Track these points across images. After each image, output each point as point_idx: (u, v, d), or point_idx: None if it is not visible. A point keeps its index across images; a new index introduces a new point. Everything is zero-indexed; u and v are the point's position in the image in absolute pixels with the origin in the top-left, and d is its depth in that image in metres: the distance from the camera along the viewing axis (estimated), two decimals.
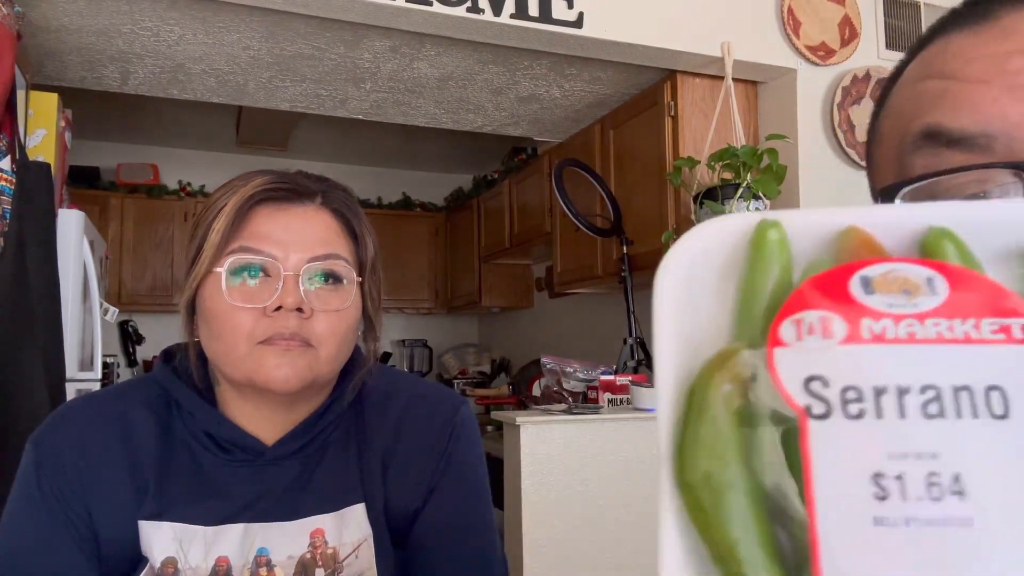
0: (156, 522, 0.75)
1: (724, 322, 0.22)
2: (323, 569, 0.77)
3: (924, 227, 0.21)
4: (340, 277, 0.77)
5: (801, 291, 0.20)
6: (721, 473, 0.20)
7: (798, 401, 0.19)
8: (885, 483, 0.18)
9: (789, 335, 0.20)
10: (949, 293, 0.20)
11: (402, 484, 0.83)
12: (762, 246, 0.22)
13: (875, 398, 0.19)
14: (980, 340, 0.19)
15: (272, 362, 0.73)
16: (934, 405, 0.18)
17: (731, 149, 2.33)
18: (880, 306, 0.20)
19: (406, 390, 0.89)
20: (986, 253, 0.21)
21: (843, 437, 0.19)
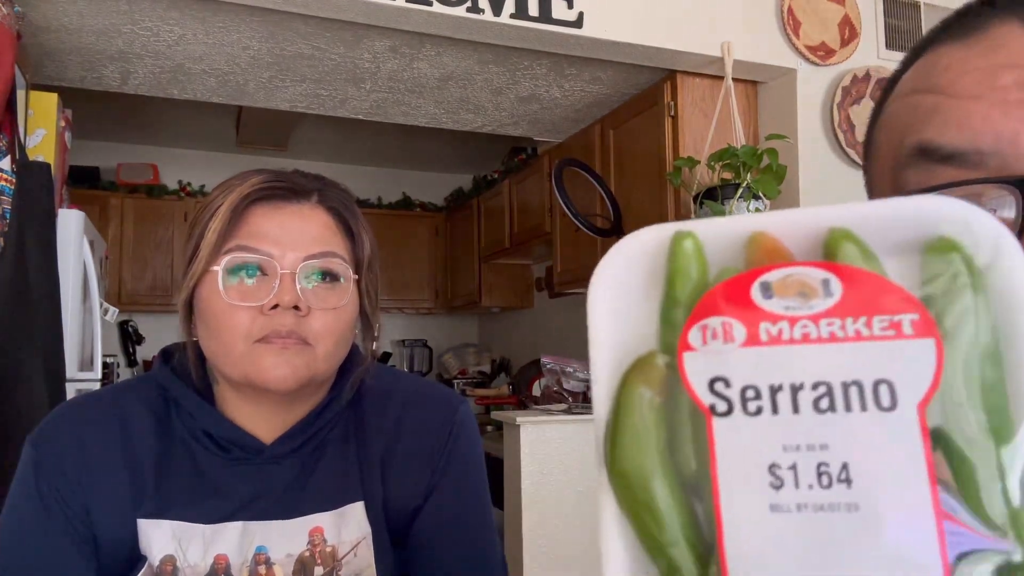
0: (155, 520, 0.75)
1: (651, 328, 0.24)
2: (322, 567, 0.77)
3: (825, 229, 0.22)
4: (337, 275, 0.77)
5: (707, 298, 0.22)
6: (644, 466, 0.22)
7: (704, 401, 0.21)
8: (780, 473, 0.20)
9: (696, 340, 0.22)
10: (843, 294, 0.21)
11: (401, 483, 0.83)
12: (678, 256, 0.23)
13: (771, 396, 0.20)
14: (871, 337, 0.20)
15: (269, 361, 0.73)
16: (825, 400, 0.20)
17: (731, 149, 2.33)
18: (778, 309, 0.21)
19: (405, 389, 0.89)
20: (887, 249, 0.22)
21: (743, 432, 0.20)
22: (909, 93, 0.43)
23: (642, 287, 0.24)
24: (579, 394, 2.80)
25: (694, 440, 0.22)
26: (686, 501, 0.22)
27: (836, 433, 0.20)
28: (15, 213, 1.99)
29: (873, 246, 0.22)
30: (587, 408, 2.31)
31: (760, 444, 0.20)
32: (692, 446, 0.22)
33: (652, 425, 0.22)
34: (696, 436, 0.22)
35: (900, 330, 0.20)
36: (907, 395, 0.20)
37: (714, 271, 0.23)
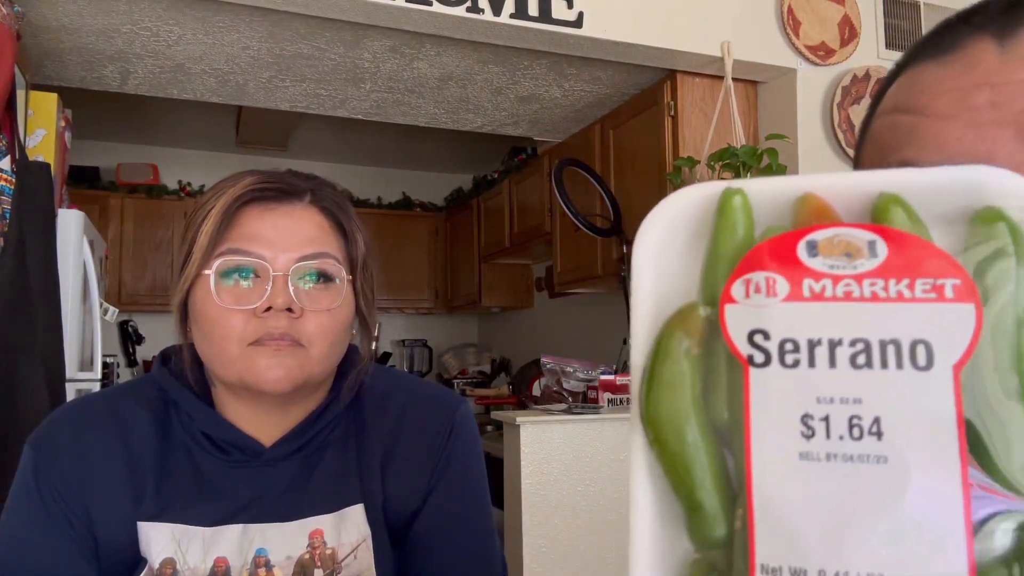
0: (155, 523, 0.75)
1: (693, 280, 0.24)
2: (321, 570, 0.77)
3: (875, 193, 0.23)
4: (330, 276, 0.77)
5: (753, 253, 0.23)
6: (678, 411, 0.22)
7: (743, 351, 0.22)
8: (812, 423, 0.20)
9: (739, 293, 0.22)
10: (888, 255, 0.21)
11: (401, 484, 0.83)
12: (726, 212, 0.24)
13: (809, 349, 0.21)
14: (912, 299, 0.21)
15: (263, 363, 0.73)
16: (862, 356, 0.20)
17: (731, 149, 2.33)
18: (822, 267, 0.22)
19: (404, 390, 0.89)
20: (934, 215, 0.22)
21: (779, 383, 0.21)
22: (891, 111, 0.43)
23: (687, 243, 0.25)
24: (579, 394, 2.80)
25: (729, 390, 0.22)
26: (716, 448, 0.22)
27: (871, 388, 0.20)
28: (15, 213, 1.99)
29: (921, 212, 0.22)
30: (587, 408, 2.31)
31: (794, 395, 0.21)
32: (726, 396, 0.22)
33: (688, 373, 0.23)
34: (731, 386, 0.22)
35: (942, 293, 0.21)
36: (943, 356, 0.20)
37: (761, 229, 0.24)
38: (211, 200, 0.76)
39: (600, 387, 2.53)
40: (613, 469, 2.21)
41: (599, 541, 2.18)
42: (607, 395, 2.48)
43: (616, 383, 2.51)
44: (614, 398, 2.48)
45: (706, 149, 2.51)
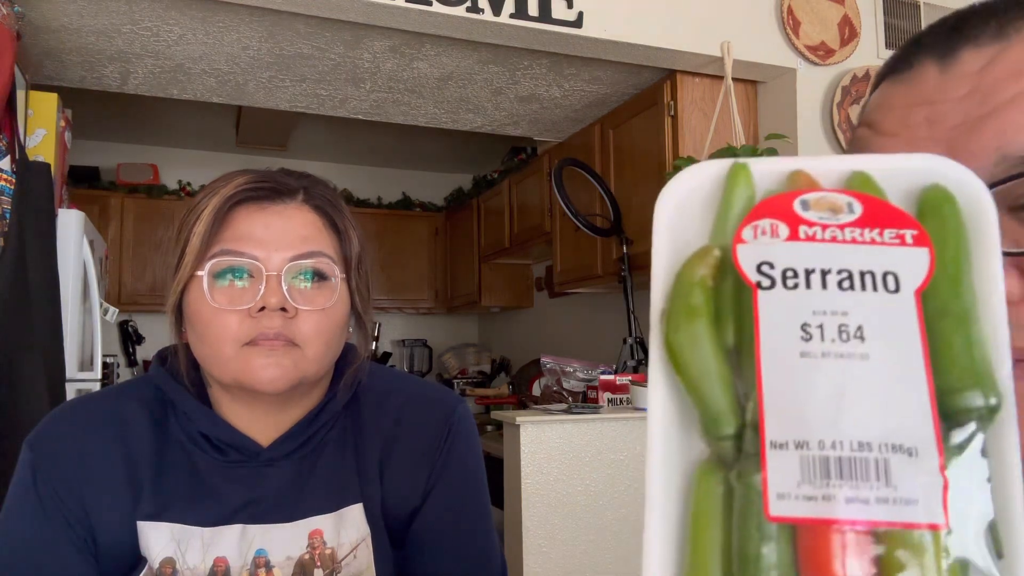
0: (154, 522, 0.75)
1: (704, 235, 0.30)
2: (321, 569, 0.77)
3: (849, 171, 0.30)
4: (324, 275, 0.77)
5: (760, 206, 0.29)
6: (695, 331, 0.28)
7: (752, 278, 0.27)
8: (810, 330, 0.26)
9: (748, 235, 0.28)
10: (862, 212, 0.28)
11: (400, 484, 0.83)
12: (736, 178, 0.30)
13: (806, 276, 0.27)
14: (882, 243, 0.27)
15: (258, 363, 0.73)
16: (847, 281, 0.27)
17: (731, 149, 2.33)
18: (813, 218, 0.28)
19: (403, 389, 0.88)
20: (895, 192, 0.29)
21: (782, 301, 0.27)
22: (859, 125, 0.47)
23: (699, 210, 0.30)
24: (579, 394, 2.80)
25: (736, 313, 0.28)
26: (726, 362, 0.28)
27: (854, 304, 0.26)
28: (15, 213, 1.99)
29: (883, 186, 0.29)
30: (587, 408, 2.31)
31: (795, 310, 0.26)
32: (734, 322, 0.28)
33: (703, 299, 0.28)
34: (742, 307, 0.27)
35: (904, 240, 0.27)
36: (907, 283, 0.26)
37: (761, 195, 0.30)
38: (203, 201, 0.76)
39: (600, 387, 2.53)
40: (613, 469, 2.21)
41: (599, 541, 2.18)
42: (607, 395, 2.48)
43: (616, 383, 2.51)
44: (614, 398, 2.48)
45: (706, 149, 2.51)
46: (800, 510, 0.24)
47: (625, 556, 2.20)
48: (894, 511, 0.24)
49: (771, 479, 0.24)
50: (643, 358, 2.75)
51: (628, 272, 2.80)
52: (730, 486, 0.26)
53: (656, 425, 0.28)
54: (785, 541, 0.24)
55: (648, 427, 0.28)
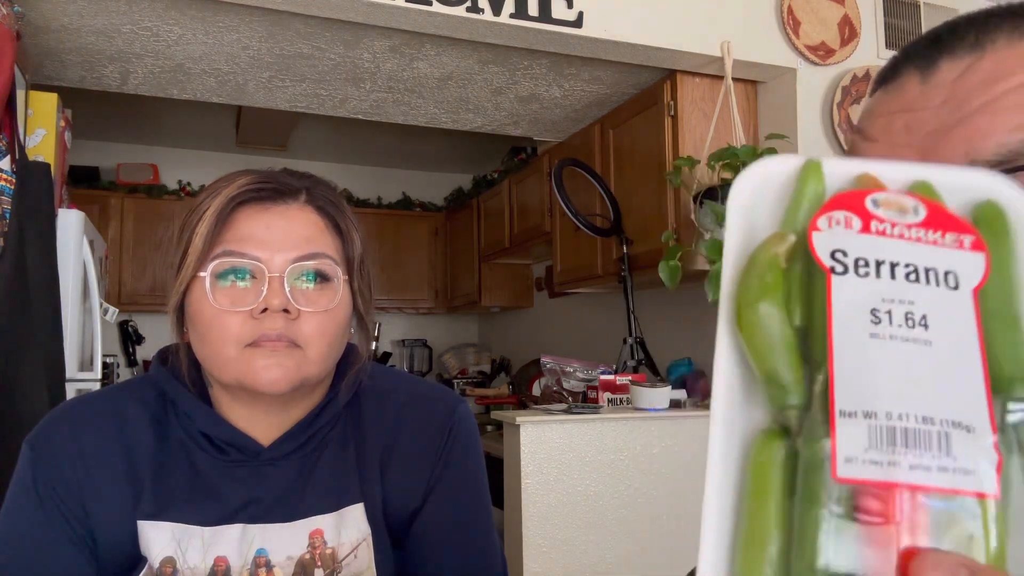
0: (154, 522, 0.75)
1: (775, 222, 0.32)
2: (322, 569, 0.77)
3: (913, 179, 0.32)
4: (327, 276, 0.77)
5: (835, 199, 0.31)
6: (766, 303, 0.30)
7: (826, 263, 0.29)
8: (879, 315, 0.28)
9: (823, 224, 0.30)
10: (926, 215, 0.30)
11: (400, 484, 0.83)
12: (809, 173, 0.32)
13: (876, 266, 0.29)
14: (944, 245, 0.30)
15: (260, 364, 0.73)
16: (913, 275, 0.29)
17: (731, 149, 2.33)
18: (883, 215, 0.30)
19: (404, 389, 0.88)
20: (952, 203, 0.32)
21: (854, 287, 0.29)
22: (853, 130, 0.50)
23: (771, 197, 0.33)
24: (579, 394, 2.80)
25: (806, 297, 0.30)
26: (795, 337, 0.29)
27: (919, 295, 0.28)
28: (15, 213, 1.99)
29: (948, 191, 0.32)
30: (587, 408, 2.31)
31: (866, 295, 0.28)
32: (803, 303, 0.30)
33: (777, 278, 0.30)
34: (812, 291, 0.29)
35: (962, 244, 0.30)
36: (966, 282, 0.29)
37: (831, 192, 0.32)
38: (205, 201, 0.76)
39: (600, 387, 2.53)
40: (613, 469, 2.21)
41: (599, 541, 2.18)
42: (607, 395, 2.48)
43: (616, 383, 2.51)
44: (614, 398, 2.48)
45: (706, 149, 2.51)
46: (867, 473, 0.26)
47: (625, 556, 2.20)
48: (953, 479, 0.26)
49: (840, 444, 0.26)
50: (643, 358, 2.75)
51: (628, 272, 2.80)
52: (791, 452, 0.28)
53: (721, 394, 0.30)
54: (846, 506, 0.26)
55: (712, 396, 0.30)
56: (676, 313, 3.10)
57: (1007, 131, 0.40)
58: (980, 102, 0.41)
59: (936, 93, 0.43)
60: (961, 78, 0.42)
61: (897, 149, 0.44)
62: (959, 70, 0.43)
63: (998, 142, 0.40)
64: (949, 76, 0.43)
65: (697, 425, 2.31)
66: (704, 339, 2.93)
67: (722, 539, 0.29)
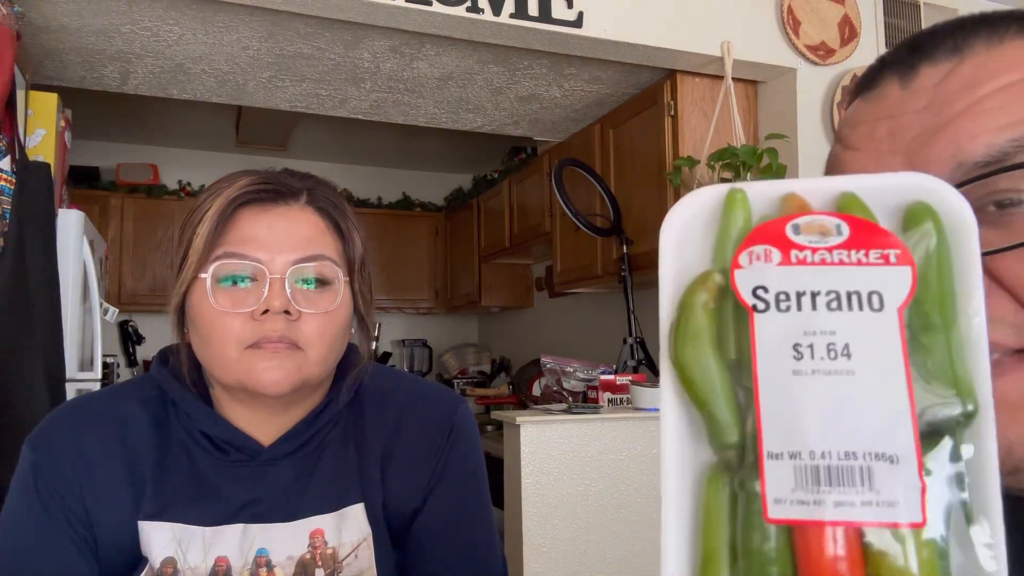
0: (155, 522, 0.75)
1: (706, 259, 0.32)
2: (323, 569, 0.77)
3: (839, 191, 0.32)
4: (328, 278, 0.77)
5: (754, 232, 0.31)
6: (700, 350, 0.30)
7: (748, 302, 0.29)
8: (801, 349, 0.28)
9: (744, 261, 0.30)
10: (850, 234, 0.30)
11: (401, 484, 0.83)
12: (732, 203, 0.32)
13: (797, 298, 0.29)
14: (868, 263, 0.29)
15: (261, 365, 0.73)
16: (835, 303, 0.29)
17: (731, 149, 2.33)
18: (804, 242, 0.30)
19: (404, 389, 0.88)
20: (882, 207, 0.31)
21: (776, 323, 0.29)
22: (835, 140, 0.50)
23: (701, 232, 0.33)
24: (579, 393, 2.80)
25: (737, 333, 0.30)
26: (729, 377, 0.30)
27: (842, 323, 0.28)
28: (15, 213, 1.99)
29: (871, 205, 0.31)
30: (587, 408, 2.31)
31: (788, 330, 0.29)
32: (734, 339, 0.30)
33: (706, 321, 0.31)
34: (741, 329, 0.30)
35: (888, 259, 0.29)
36: (891, 301, 0.28)
37: (757, 217, 0.32)
38: (206, 202, 0.76)
39: (600, 387, 2.53)
40: (613, 469, 2.21)
41: (599, 541, 2.18)
42: (607, 395, 2.48)
43: (616, 383, 2.51)
44: (614, 398, 2.47)
45: (706, 149, 2.51)
46: (794, 513, 0.27)
47: (625, 556, 2.20)
48: (877, 512, 0.26)
49: (768, 486, 0.27)
50: (643, 358, 2.75)
51: (628, 272, 2.79)
52: (735, 490, 0.29)
53: (669, 434, 0.31)
54: (784, 538, 0.28)
55: (660, 437, 0.32)
56: None
57: (993, 131, 0.40)
58: (963, 105, 0.41)
59: (917, 98, 0.43)
60: (943, 82, 0.43)
61: (881, 156, 0.44)
62: (940, 75, 0.43)
63: (986, 142, 0.40)
64: (930, 81, 0.43)
65: None
66: None
67: None
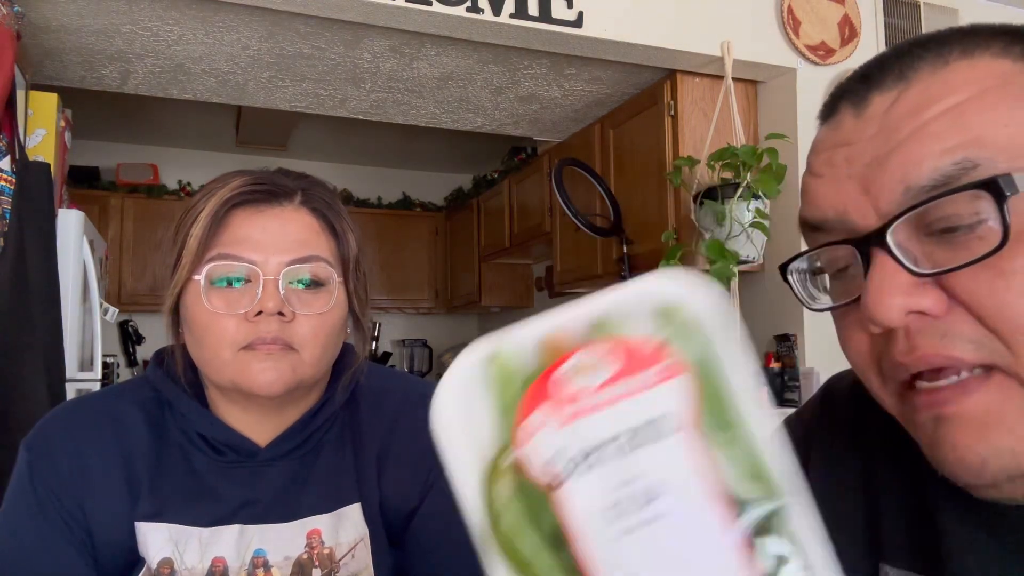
0: (152, 523, 0.75)
1: (488, 440, 0.30)
2: (320, 569, 0.77)
3: (591, 319, 0.30)
4: (322, 279, 0.77)
5: (522, 404, 0.29)
6: (517, 534, 0.29)
7: (543, 480, 0.28)
8: (609, 512, 0.27)
9: (523, 438, 0.29)
10: (619, 364, 0.28)
11: (398, 483, 0.83)
12: (492, 377, 0.30)
13: (585, 458, 0.27)
14: (643, 388, 0.28)
15: (256, 367, 0.73)
16: (626, 445, 0.27)
17: (731, 148, 2.32)
18: (575, 390, 0.28)
19: (400, 389, 0.88)
20: (639, 315, 0.30)
21: (578, 492, 0.27)
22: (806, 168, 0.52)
23: (476, 400, 0.31)
24: None
25: (544, 509, 0.29)
26: (555, 550, 0.29)
27: (639, 466, 0.27)
28: (15, 213, 1.99)
29: (627, 321, 0.30)
30: None
31: (592, 495, 0.27)
32: (545, 513, 0.29)
33: (516, 510, 0.29)
34: (549, 507, 0.29)
35: (662, 375, 0.28)
36: (677, 420, 0.28)
37: (520, 382, 0.30)
38: (200, 203, 0.76)
39: None
40: None
41: None
42: None
43: None
44: None
45: (706, 149, 2.51)
46: None
47: None
48: None
49: None
50: None
51: (628, 272, 2.79)
52: None
53: None
54: None
55: None
56: None
57: (938, 155, 0.41)
58: (909, 130, 0.42)
59: (868, 125, 0.45)
60: (890, 109, 0.44)
61: (840, 182, 0.45)
62: (888, 102, 0.44)
63: (931, 167, 0.41)
64: (880, 108, 0.45)
65: None
66: None
67: None
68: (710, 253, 2.30)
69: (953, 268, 0.40)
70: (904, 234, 0.42)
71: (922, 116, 0.42)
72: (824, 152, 0.48)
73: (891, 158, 0.43)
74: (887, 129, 0.44)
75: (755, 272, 2.61)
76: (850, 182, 0.45)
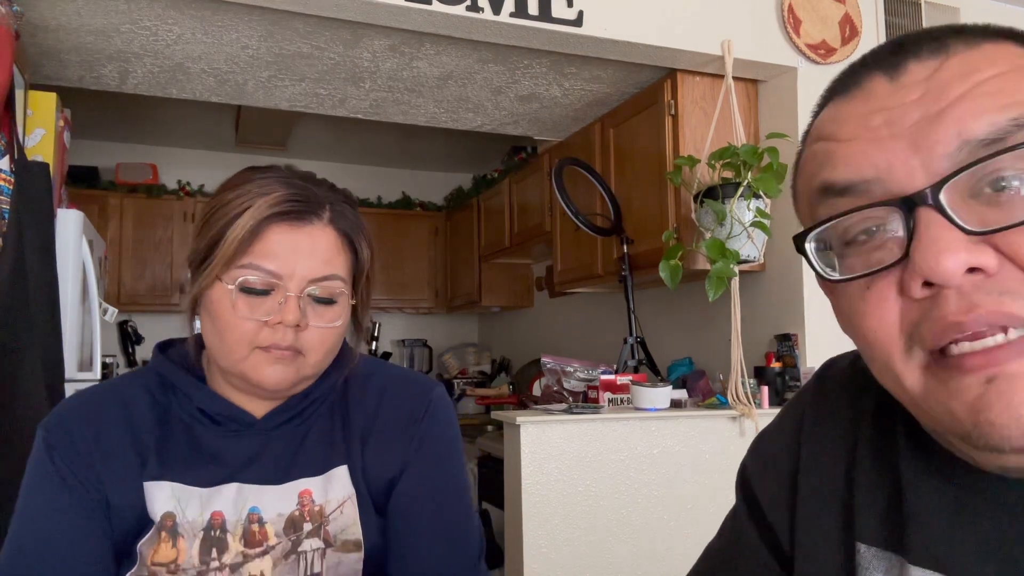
0: (157, 482, 0.83)
1: None
2: (310, 523, 0.84)
3: None
4: (335, 297, 0.85)
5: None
6: None
7: None
8: None
9: None
10: None
11: (380, 454, 0.90)
12: None
13: None
14: None
15: (267, 367, 0.82)
16: None
17: (731, 148, 2.32)
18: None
19: (385, 373, 0.97)
20: None
21: None
22: (813, 142, 0.53)
23: None
24: (579, 394, 2.79)
25: None
26: None
27: None
28: (14, 213, 1.99)
29: None
30: (587, 408, 2.31)
31: None
32: None
33: None
34: None
35: None
36: None
37: None
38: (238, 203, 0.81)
39: (600, 387, 2.52)
40: (613, 469, 2.21)
41: (599, 541, 2.17)
42: (607, 395, 2.48)
43: (616, 383, 2.50)
44: (614, 398, 2.47)
45: (707, 148, 2.50)
46: None
47: (625, 556, 2.19)
48: None
49: None
50: (643, 358, 2.75)
51: (628, 272, 2.79)
52: None
53: None
54: None
55: None
56: (676, 313, 3.10)
57: (995, 110, 0.42)
58: (962, 90, 0.43)
59: (909, 91, 0.45)
60: (934, 75, 0.45)
61: (883, 141, 0.45)
62: (928, 70, 0.45)
63: (989, 120, 0.42)
64: (919, 75, 0.45)
65: (698, 425, 2.31)
66: (705, 338, 2.92)
67: None
68: (711, 253, 2.29)
69: (1006, 227, 0.41)
70: (952, 194, 0.42)
71: (972, 78, 0.43)
72: (853, 119, 0.48)
73: (945, 114, 0.43)
74: (935, 91, 0.44)
75: (756, 272, 2.61)
76: (895, 141, 0.45)
